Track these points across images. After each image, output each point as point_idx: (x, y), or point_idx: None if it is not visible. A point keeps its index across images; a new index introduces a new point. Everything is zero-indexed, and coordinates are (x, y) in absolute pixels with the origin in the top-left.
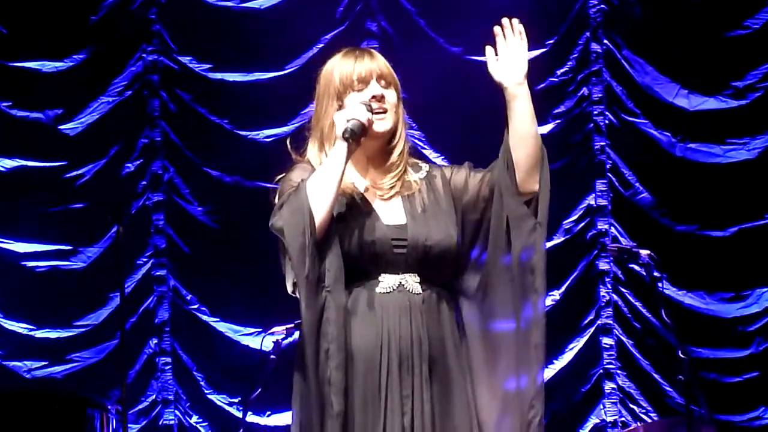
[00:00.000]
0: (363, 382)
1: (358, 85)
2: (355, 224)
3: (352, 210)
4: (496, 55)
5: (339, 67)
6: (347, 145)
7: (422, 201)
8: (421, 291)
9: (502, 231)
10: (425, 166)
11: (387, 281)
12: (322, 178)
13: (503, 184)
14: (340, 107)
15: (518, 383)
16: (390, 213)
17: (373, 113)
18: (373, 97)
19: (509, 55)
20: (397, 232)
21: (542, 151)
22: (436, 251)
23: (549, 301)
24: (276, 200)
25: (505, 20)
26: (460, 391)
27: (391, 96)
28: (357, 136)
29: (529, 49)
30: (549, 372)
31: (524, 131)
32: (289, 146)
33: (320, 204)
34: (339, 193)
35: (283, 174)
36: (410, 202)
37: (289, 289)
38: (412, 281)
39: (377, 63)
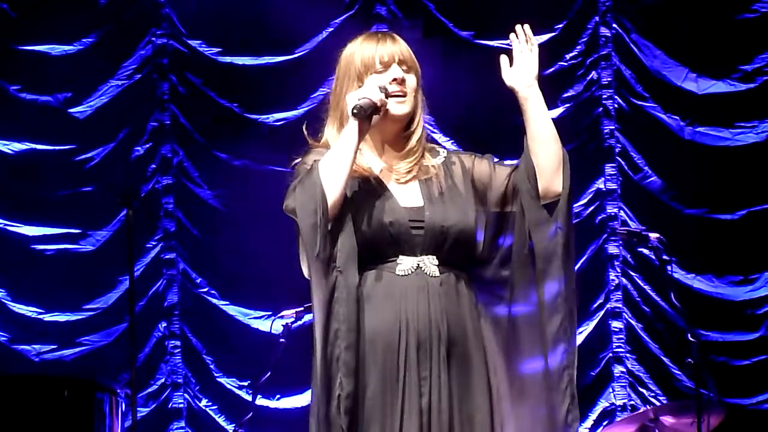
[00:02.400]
0: (382, 364)
1: (379, 67)
2: (372, 206)
3: (369, 193)
4: (511, 63)
5: (361, 49)
6: (358, 123)
7: (439, 185)
8: (438, 273)
9: (525, 228)
10: (443, 152)
11: (405, 263)
12: (334, 158)
13: (524, 188)
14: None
15: (544, 364)
16: (407, 196)
17: (390, 96)
18: (394, 79)
19: (520, 61)
20: (414, 213)
21: (562, 153)
22: (453, 233)
23: None
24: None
25: (518, 27)
26: (478, 374)
27: (411, 80)
28: (366, 113)
29: (538, 33)
30: None
31: (541, 133)
32: (305, 131)
33: (333, 183)
34: (352, 173)
35: (299, 159)
36: (427, 186)
37: (305, 272)
38: (430, 263)
39: (399, 47)
